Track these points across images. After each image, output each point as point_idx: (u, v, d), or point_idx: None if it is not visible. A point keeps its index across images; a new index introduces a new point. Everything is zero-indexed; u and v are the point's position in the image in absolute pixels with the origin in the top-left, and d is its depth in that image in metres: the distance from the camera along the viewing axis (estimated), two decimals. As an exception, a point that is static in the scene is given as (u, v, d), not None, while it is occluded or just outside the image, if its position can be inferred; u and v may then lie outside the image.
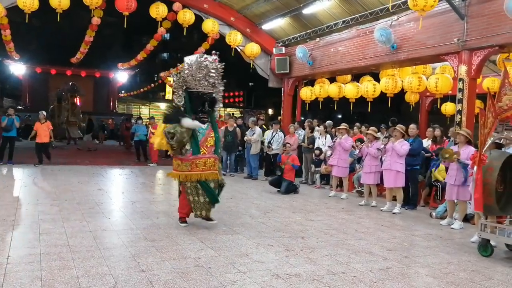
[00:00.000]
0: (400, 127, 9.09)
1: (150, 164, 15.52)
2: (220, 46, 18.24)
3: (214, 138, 6.79)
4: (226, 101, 44.07)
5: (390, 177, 8.93)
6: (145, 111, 45.29)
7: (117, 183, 11.65)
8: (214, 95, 6.84)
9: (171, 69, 25.72)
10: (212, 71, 6.68)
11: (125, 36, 43.07)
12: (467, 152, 7.47)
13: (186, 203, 6.79)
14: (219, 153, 7.04)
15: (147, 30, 24.82)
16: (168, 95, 45.85)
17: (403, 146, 8.80)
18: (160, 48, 37.52)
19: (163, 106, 47.27)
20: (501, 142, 7.11)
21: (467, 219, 7.99)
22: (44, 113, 14.52)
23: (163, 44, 35.62)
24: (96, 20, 16.99)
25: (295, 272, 4.88)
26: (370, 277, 4.88)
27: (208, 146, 6.68)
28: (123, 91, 44.63)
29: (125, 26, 14.63)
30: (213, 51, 6.92)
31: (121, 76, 36.93)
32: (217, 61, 6.79)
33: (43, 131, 13.98)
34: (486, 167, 6.05)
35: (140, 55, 23.41)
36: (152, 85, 41.95)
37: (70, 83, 25.75)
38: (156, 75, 41.38)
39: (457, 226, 7.64)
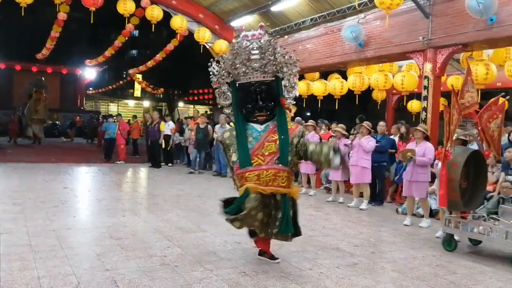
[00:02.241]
0: (366, 123, 9.20)
1: (118, 162, 15.28)
2: (189, 42, 18.19)
3: (277, 143, 4.87)
4: (196, 98, 43.78)
5: (356, 173, 9.02)
6: (113, 108, 44.60)
7: (83, 181, 11.43)
8: (281, 81, 5.08)
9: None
10: (254, 51, 4.90)
11: (92, 32, 42.38)
12: (423, 148, 7.58)
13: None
14: (290, 161, 4.91)
15: (115, 26, 24.50)
16: (137, 92, 45.33)
17: (369, 142, 8.91)
18: (129, 44, 37.08)
19: (132, 103, 46.77)
20: (466, 138, 7.27)
21: (432, 214, 8.14)
22: None
23: (131, 40, 35.21)
24: (62, 16, 16.62)
25: (262, 270, 4.87)
26: (337, 273, 4.91)
27: (266, 154, 4.84)
28: (91, 88, 43.85)
29: (91, 22, 14.36)
30: (261, 23, 5.10)
31: (89, 72, 36.30)
32: (260, 35, 4.93)
33: None
34: (450, 163, 6.16)
35: (108, 52, 23.06)
36: (121, 82, 41.34)
37: (36, 78, 25.03)
38: (124, 72, 40.80)
39: (424, 224, 7.59)
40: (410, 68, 13.55)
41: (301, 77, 16.31)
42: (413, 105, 14.83)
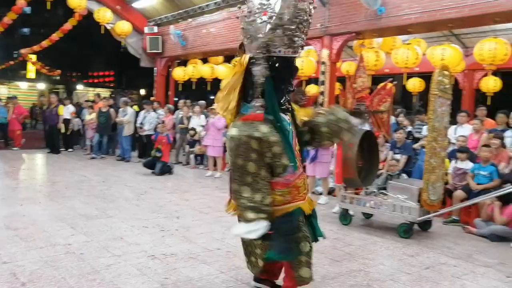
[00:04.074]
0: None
1: (14, 148, 14.36)
2: (88, 23, 17.39)
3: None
4: (96, 81, 41.98)
5: None
6: (3, 90, 41.25)
7: (-28, 170, 10.62)
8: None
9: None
10: (307, 18, 3.32)
11: (-24, 8, 38.83)
12: None
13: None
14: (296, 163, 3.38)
15: (4, 1, 22.63)
16: (31, 74, 42.40)
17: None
18: (20, 22, 34.50)
19: (24, 85, 43.70)
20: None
21: (329, 192, 8.68)
22: None
23: (23, 18, 32.77)
24: None
25: (171, 252, 4.95)
26: (243, 252, 5.11)
27: (298, 152, 3.48)
28: (-26, 68, 40.25)
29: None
30: None
31: (-27, 51, 33.31)
32: None
33: None
34: (346, 143, 6.62)
35: (-5, 29, 21.31)
36: (11, 62, 38.35)
37: None
38: (15, 52, 37.98)
39: (322, 201, 8.07)
40: (308, 54, 14.09)
41: (205, 61, 16.36)
42: (311, 89, 15.45)
